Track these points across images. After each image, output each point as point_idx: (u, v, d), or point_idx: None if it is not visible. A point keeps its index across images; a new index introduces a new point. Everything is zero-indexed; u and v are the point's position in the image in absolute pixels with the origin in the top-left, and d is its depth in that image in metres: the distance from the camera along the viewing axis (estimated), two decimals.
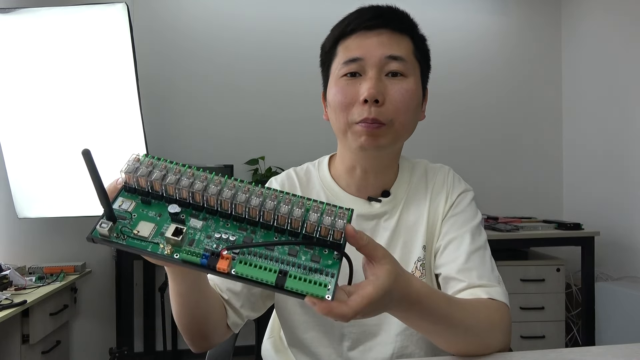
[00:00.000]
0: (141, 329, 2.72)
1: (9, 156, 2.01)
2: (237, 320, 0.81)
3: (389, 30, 0.79)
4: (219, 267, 0.46)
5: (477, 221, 0.84)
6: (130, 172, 0.50)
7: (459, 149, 3.16)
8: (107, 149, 1.93)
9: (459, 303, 0.68)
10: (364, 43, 0.78)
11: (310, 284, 0.46)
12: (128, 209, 0.50)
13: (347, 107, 0.77)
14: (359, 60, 0.77)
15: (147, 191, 0.50)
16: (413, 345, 0.82)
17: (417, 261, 0.83)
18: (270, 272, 0.46)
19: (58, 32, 1.96)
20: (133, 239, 0.48)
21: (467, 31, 3.19)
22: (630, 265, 2.68)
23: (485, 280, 0.75)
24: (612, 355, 0.69)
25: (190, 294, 0.70)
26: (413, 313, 0.60)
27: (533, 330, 2.57)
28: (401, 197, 0.87)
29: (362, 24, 0.78)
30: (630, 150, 2.70)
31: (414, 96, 0.78)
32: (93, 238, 0.48)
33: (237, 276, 0.46)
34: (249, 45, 2.93)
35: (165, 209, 0.50)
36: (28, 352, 1.93)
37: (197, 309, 0.72)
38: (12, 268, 2.05)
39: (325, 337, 0.84)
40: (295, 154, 2.85)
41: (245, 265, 0.46)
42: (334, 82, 0.80)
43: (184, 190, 0.49)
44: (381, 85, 0.76)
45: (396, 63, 0.77)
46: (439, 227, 0.85)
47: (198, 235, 0.48)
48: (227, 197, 0.48)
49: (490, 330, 0.69)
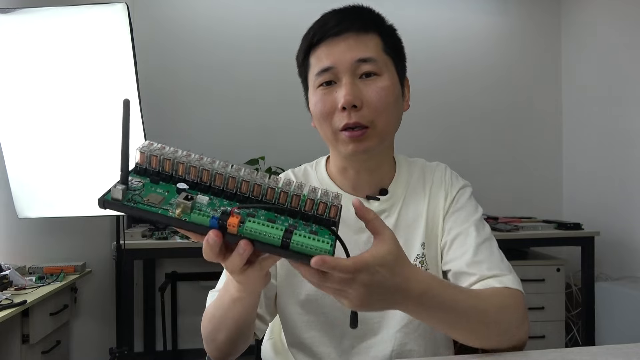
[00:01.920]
0: (141, 329, 2.72)
1: (9, 156, 2.00)
2: (262, 326, 0.84)
3: (353, 33, 0.79)
4: (230, 223, 0.47)
5: (479, 214, 0.86)
6: (144, 150, 0.52)
7: (459, 148, 3.16)
8: (107, 149, 1.93)
9: (470, 291, 0.69)
10: (332, 51, 0.79)
11: (314, 240, 0.48)
12: (137, 186, 0.52)
13: (329, 116, 0.79)
14: (331, 69, 0.78)
15: (157, 171, 0.52)
16: (412, 342, 0.83)
17: (416, 258, 0.85)
18: (277, 229, 0.48)
19: (58, 32, 1.95)
20: (143, 204, 0.49)
21: (467, 31, 3.19)
22: (630, 265, 2.68)
23: (496, 271, 0.76)
24: (612, 355, 0.69)
25: (251, 298, 0.66)
26: (423, 306, 0.60)
27: (533, 330, 2.57)
28: (399, 195, 0.88)
29: (327, 32, 0.79)
30: (630, 150, 2.70)
31: (390, 93, 0.79)
32: (105, 201, 0.49)
33: (244, 237, 0.48)
34: (249, 45, 2.93)
35: (173, 188, 0.51)
36: (28, 352, 1.93)
37: (249, 314, 0.71)
38: (12, 268, 2.05)
39: (326, 336, 0.85)
40: (296, 154, 2.84)
41: (254, 224, 0.48)
42: (313, 93, 0.82)
43: (192, 168, 0.51)
44: (356, 89, 0.77)
45: (367, 64, 0.78)
46: (440, 224, 0.86)
47: (205, 208, 0.50)
48: (233, 175, 0.51)
49: (505, 315, 0.69)
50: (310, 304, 0.85)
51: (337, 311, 0.84)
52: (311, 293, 0.84)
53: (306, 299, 0.85)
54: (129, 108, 0.49)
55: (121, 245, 2.12)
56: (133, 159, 0.52)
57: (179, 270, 2.79)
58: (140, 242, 2.25)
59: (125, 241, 2.13)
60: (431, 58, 3.06)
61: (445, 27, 3.13)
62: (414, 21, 3.02)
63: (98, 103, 1.95)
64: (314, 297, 0.84)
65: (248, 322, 0.73)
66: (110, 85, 1.95)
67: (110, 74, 1.95)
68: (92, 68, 1.95)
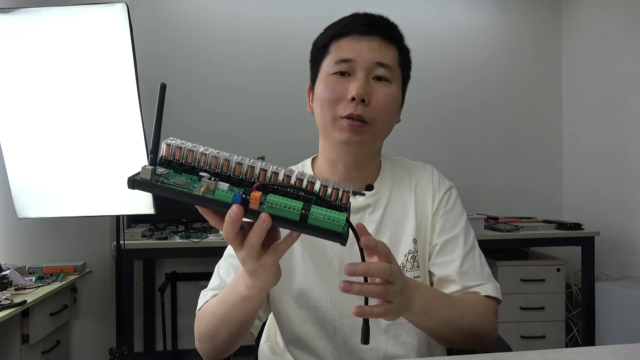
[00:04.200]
0: (141, 329, 2.72)
1: (9, 156, 2.00)
2: (257, 323, 0.87)
3: (379, 37, 0.85)
4: (252, 196, 0.50)
5: (465, 218, 0.93)
6: (169, 143, 0.56)
7: (459, 148, 3.16)
8: (107, 149, 1.93)
9: (453, 300, 0.81)
10: (356, 46, 0.84)
11: (330, 212, 0.51)
12: (163, 172, 0.55)
13: (335, 103, 0.83)
14: (350, 61, 0.83)
15: (180, 163, 0.55)
16: (405, 334, 0.86)
17: (407, 254, 0.88)
18: (296, 202, 0.51)
19: (58, 32, 1.95)
20: (170, 185, 0.52)
21: (467, 31, 3.19)
22: (630, 265, 2.68)
23: (478, 281, 0.86)
24: (612, 355, 0.69)
25: (260, 296, 0.66)
26: (424, 315, 0.72)
27: (533, 330, 2.57)
28: (384, 191, 0.92)
29: (357, 28, 0.84)
30: (630, 150, 2.70)
31: (395, 101, 0.86)
32: (134, 181, 0.52)
33: (264, 212, 0.51)
34: (249, 45, 2.94)
35: (196, 178, 0.54)
36: (28, 352, 1.93)
37: (255, 313, 0.72)
38: (12, 268, 2.05)
39: (320, 330, 0.87)
40: (296, 153, 2.84)
41: (275, 197, 0.51)
42: (324, 78, 0.85)
43: (214, 159, 0.55)
44: (368, 87, 0.82)
45: (383, 69, 0.83)
46: (430, 222, 0.91)
47: (226, 190, 0.52)
48: (252, 165, 0.54)
49: (473, 317, 0.80)
50: (302, 297, 0.86)
51: (326, 304, 0.86)
52: (302, 287, 0.86)
53: (298, 293, 0.86)
54: (165, 92, 0.54)
55: (121, 245, 2.12)
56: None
57: (179, 271, 2.79)
58: (140, 242, 2.25)
59: (125, 241, 2.13)
60: (431, 58, 3.06)
61: (445, 27, 3.13)
62: (414, 21, 3.02)
63: (98, 103, 1.94)
64: (304, 290, 0.86)
65: (251, 321, 0.75)
66: (110, 85, 1.95)
67: (110, 74, 1.95)
68: (92, 68, 1.95)
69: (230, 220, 0.51)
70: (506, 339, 0.96)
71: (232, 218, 0.51)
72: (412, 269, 0.87)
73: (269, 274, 0.59)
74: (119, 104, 1.94)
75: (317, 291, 0.86)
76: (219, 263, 0.89)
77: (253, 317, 0.73)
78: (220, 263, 0.89)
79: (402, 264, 0.87)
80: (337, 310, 0.86)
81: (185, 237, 2.29)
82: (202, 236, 2.30)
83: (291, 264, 0.87)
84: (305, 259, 0.87)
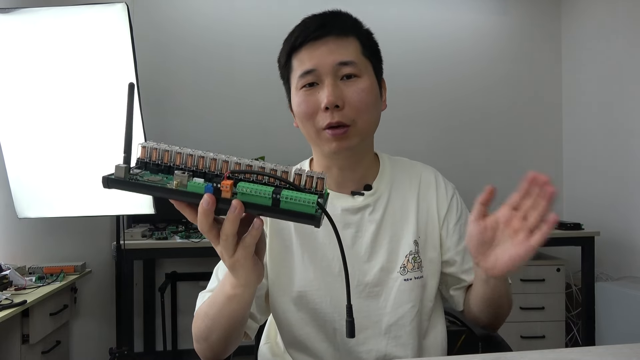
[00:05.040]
0: (141, 329, 2.72)
1: (9, 156, 2.00)
2: (253, 325, 0.86)
3: (334, 37, 0.82)
4: (223, 184, 0.50)
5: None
6: (145, 145, 0.56)
7: (459, 148, 3.16)
8: (106, 149, 1.93)
9: None
10: (314, 54, 0.82)
11: (302, 194, 0.51)
12: (139, 172, 0.56)
13: (312, 116, 0.82)
14: (313, 71, 0.82)
15: (157, 163, 0.56)
16: (405, 335, 0.86)
17: (408, 254, 0.87)
18: (267, 188, 0.51)
19: (58, 32, 1.95)
20: (144, 182, 0.53)
21: (467, 31, 3.19)
22: (630, 265, 2.68)
23: None
24: (612, 355, 0.69)
25: (245, 294, 0.66)
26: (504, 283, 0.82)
27: (533, 330, 2.57)
28: (383, 191, 0.91)
29: (309, 35, 0.82)
30: (630, 150, 2.70)
31: (370, 93, 0.84)
32: (108, 179, 0.53)
33: (236, 199, 0.50)
34: (249, 44, 2.93)
35: (172, 176, 0.55)
36: (28, 352, 1.93)
37: (243, 312, 0.71)
38: (12, 268, 2.05)
39: (320, 332, 0.86)
40: (296, 153, 2.84)
41: (246, 183, 0.51)
42: (295, 94, 0.85)
43: (189, 157, 0.55)
44: (338, 90, 0.81)
45: (348, 67, 0.82)
46: (437, 227, 0.91)
47: (199, 183, 0.53)
48: (227, 159, 0.54)
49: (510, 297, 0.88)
50: (301, 299, 0.86)
51: (326, 306, 0.85)
52: (302, 289, 0.86)
53: (298, 295, 0.86)
54: (134, 91, 0.53)
55: (121, 245, 2.12)
56: (134, 152, 0.56)
57: (179, 270, 2.79)
58: (140, 242, 2.25)
59: (125, 241, 2.13)
60: (431, 58, 3.05)
61: (445, 27, 3.13)
62: (414, 21, 3.03)
63: (98, 103, 1.94)
64: (304, 293, 0.86)
65: (241, 321, 0.74)
66: (110, 85, 1.95)
67: (110, 74, 1.95)
68: (92, 68, 1.95)
69: (202, 211, 0.51)
70: (506, 339, 0.96)
71: (205, 208, 0.50)
72: (413, 269, 0.87)
73: (245, 269, 0.58)
74: (119, 104, 1.94)
75: (317, 293, 0.86)
76: (218, 265, 0.88)
77: (242, 317, 0.72)
78: (219, 265, 0.88)
79: (403, 265, 0.87)
80: (338, 311, 0.85)
81: (185, 237, 2.30)
82: (202, 236, 2.29)
83: (290, 267, 0.87)
84: (305, 262, 0.87)
